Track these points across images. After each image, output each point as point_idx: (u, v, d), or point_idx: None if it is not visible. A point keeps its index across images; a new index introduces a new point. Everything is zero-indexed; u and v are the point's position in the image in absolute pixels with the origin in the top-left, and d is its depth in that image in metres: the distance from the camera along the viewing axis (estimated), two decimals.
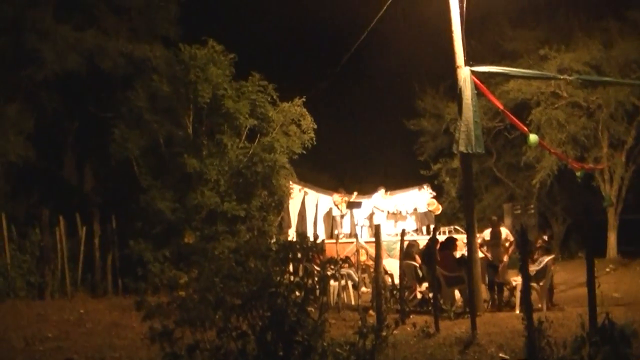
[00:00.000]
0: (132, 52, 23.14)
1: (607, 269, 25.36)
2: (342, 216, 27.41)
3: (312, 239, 8.27)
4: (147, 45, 23.41)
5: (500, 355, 10.42)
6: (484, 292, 17.00)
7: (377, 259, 14.59)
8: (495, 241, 18.02)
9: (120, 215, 22.27)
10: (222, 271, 6.65)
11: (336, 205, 27.31)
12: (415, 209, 28.58)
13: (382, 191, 27.62)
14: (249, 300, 6.35)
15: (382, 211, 27.24)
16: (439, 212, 28.29)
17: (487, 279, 17.61)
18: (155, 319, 6.53)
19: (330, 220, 28.07)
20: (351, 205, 26.61)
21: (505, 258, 17.94)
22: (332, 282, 15.86)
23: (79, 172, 26.51)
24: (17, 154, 22.02)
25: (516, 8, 30.71)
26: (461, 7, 16.81)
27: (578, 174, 22.07)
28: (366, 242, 23.41)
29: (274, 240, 18.18)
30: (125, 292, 20.90)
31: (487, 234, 18.34)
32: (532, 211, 32.68)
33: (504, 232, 18.40)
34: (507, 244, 18.06)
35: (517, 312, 14.75)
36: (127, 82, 23.25)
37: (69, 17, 22.95)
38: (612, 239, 31.15)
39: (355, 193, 27.63)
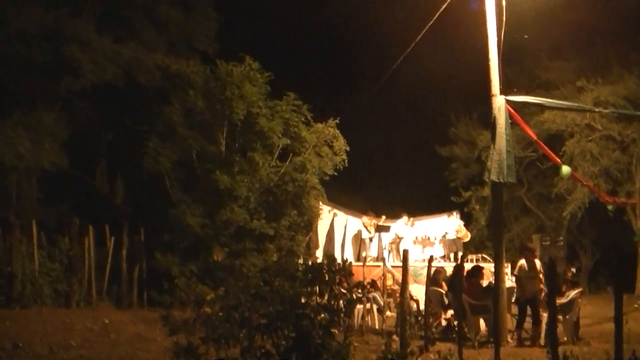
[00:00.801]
0: (169, 66, 23.25)
1: (636, 305, 25.06)
2: (370, 239, 27.34)
3: (340, 261, 8.27)
4: (184, 60, 23.52)
5: None
6: (509, 322, 16.87)
7: (404, 284, 14.54)
8: (532, 273, 16.77)
9: (149, 228, 22.34)
10: (249, 290, 6.66)
11: (365, 227, 27.26)
12: (444, 236, 28.45)
13: (404, 218, 27.53)
14: (275, 320, 6.36)
15: (402, 238, 27.13)
16: (467, 239, 28.14)
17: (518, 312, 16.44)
18: (181, 334, 6.56)
19: (359, 243, 27.99)
20: (380, 229, 26.57)
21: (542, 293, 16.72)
22: (357, 305, 15.83)
23: (110, 182, 26.66)
24: (51, 161, 22.15)
25: (553, 38, 30.64)
26: (498, 36, 16.80)
27: (609, 207, 21.95)
28: (393, 267, 23.33)
29: (301, 260, 18.25)
30: (150, 304, 20.94)
31: (524, 265, 16.91)
32: (561, 243, 32.45)
33: (537, 263, 17.30)
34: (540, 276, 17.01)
35: (542, 344, 14.63)
36: (163, 96, 23.38)
37: (110, 29, 23.16)
38: None
39: (384, 217, 27.57)
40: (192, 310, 7.06)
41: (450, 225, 28.49)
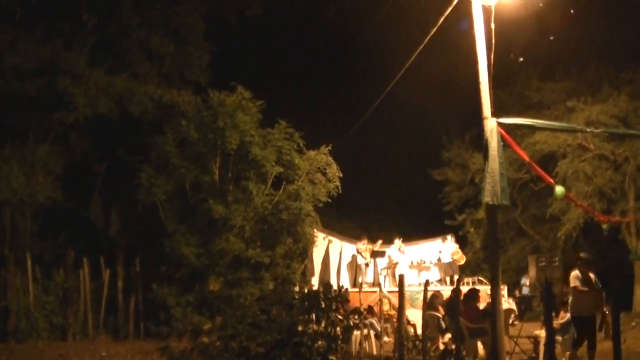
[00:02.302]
0: (161, 96, 23.31)
1: (633, 324, 25.08)
2: (366, 264, 27.34)
3: (336, 288, 8.25)
4: (176, 90, 23.59)
5: None
6: (507, 344, 16.84)
7: (400, 309, 14.55)
8: (586, 286, 14.87)
9: (145, 259, 22.34)
10: (246, 319, 6.66)
11: (360, 254, 27.26)
12: (439, 259, 28.47)
13: (397, 242, 27.59)
14: (273, 348, 6.36)
15: (397, 263, 27.16)
16: (463, 262, 28.15)
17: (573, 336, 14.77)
18: None
19: (354, 269, 27.98)
20: (375, 254, 26.58)
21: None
22: (354, 331, 15.80)
23: (105, 214, 26.64)
24: (45, 195, 22.15)
25: (544, 60, 30.84)
26: (488, 58, 16.86)
27: (604, 227, 21.92)
28: (389, 292, 23.32)
29: (297, 288, 18.23)
30: (147, 336, 20.90)
31: (577, 276, 15.21)
32: (557, 264, 32.37)
33: (592, 275, 15.43)
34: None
35: None
36: (156, 126, 23.43)
37: (102, 61, 23.24)
38: (638, 293, 30.86)
39: (380, 241, 27.57)
40: (189, 341, 7.04)
41: (445, 248, 28.51)
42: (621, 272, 30.05)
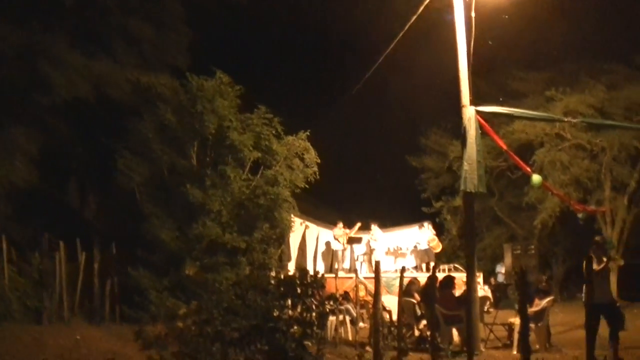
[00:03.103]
0: (139, 81, 23.16)
1: None
2: (343, 250, 27.39)
3: (312, 273, 8.26)
4: (154, 75, 23.45)
5: None
6: (481, 332, 16.94)
7: (376, 295, 14.59)
8: (604, 273, 14.57)
9: (121, 243, 22.23)
10: (221, 304, 6.66)
11: (337, 239, 27.29)
12: (416, 246, 28.54)
13: (374, 228, 27.72)
14: (248, 334, 6.36)
15: (372, 249, 27.24)
16: (439, 249, 28.24)
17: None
18: (153, 349, 6.53)
19: (330, 255, 28.02)
20: (351, 241, 26.64)
21: None
22: (330, 317, 15.84)
23: (82, 197, 26.52)
24: (21, 177, 22.00)
25: (523, 49, 30.92)
26: (468, 47, 16.93)
27: (580, 216, 22.06)
28: (365, 278, 23.38)
29: (273, 273, 18.23)
30: (122, 320, 20.81)
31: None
32: (533, 252, 32.66)
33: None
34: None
35: (515, 352, 14.71)
36: (134, 110, 23.28)
37: (80, 44, 23.03)
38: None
39: (358, 224, 27.59)
40: (164, 325, 7.04)
41: (421, 236, 28.59)
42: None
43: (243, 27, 35.51)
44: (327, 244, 28.25)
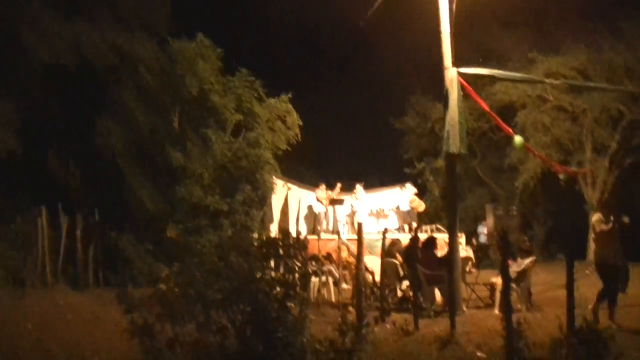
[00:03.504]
0: (120, 44, 22.99)
1: (587, 272, 25.39)
2: (325, 212, 27.43)
3: (294, 235, 8.28)
4: (135, 38, 23.28)
5: (478, 354, 10.48)
6: (463, 292, 17.03)
7: (359, 256, 14.63)
8: (613, 232, 13.72)
9: (104, 208, 22.17)
10: (204, 266, 6.66)
11: (319, 201, 27.31)
12: (398, 207, 28.61)
13: (359, 187, 27.74)
14: (230, 295, 6.37)
15: (354, 210, 27.27)
16: (422, 210, 28.29)
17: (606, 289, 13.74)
18: (136, 312, 6.54)
19: (313, 216, 28.06)
20: (334, 202, 26.66)
21: None
22: (312, 278, 15.90)
23: (63, 163, 26.37)
24: (2, 145, 21.86)
25: (506, 11, 30.82)
26: (450, 9, 16.85)
27: (561, 177, 22.15)
28: (348, 240, 23.43)
29: (256, 235, 18.23)
30: (106, 284, 20.80)
31: (600, 220, 14.03)
32: (514, 213, 32.85)
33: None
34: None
35: (497, 312, 14.81)
36: (114, 74, 23.15)
37: (60, 9, 22.81)
38: (592, 242, 31.29)
39: (339, 185, 27.59)
40: (147, 289, 7.04)
41: (404, 196, 28.65)
42: (576, 222, 30.47)
43: None
44: (310, 206, 28.27)
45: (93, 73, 23.77)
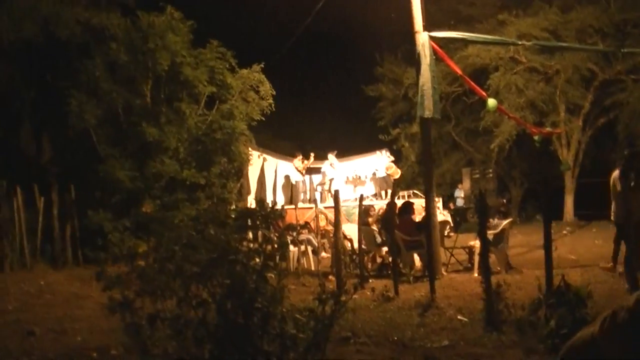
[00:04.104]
0: (89, 20, 22.77)
1: (564, 232, 25.70)
2: (302, 182, 27.51)
3: (271, 205, 8.27)
4: (104, 13, 23.05)
5: (459, 317, 10.55)
6: (442, 256, 17.12)
7: (336, 224, 14.67)
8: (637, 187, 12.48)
9: (79, 186, 22.05)
10: (181, 240, 6.65)
11: (299, 171, 27.37)
12: (374, 174, 28.68)
13: (331, 157, 27.79)
14: (208, 268, 6.36)
15: (333, 179, 27.34)
16: (398, 176, 28.39)
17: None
18: (115, 289, 6.53)
19: (290, 186, 28.11)
20: (310, 171, 26.72)
21: None
22: (291, 247, 15.92)
23: (36, 142, 26.16)
24: None
25: None
26: None
27: (536, 138, 22.25)
28: (325, 208, 23.49)
29: (233, 207, 18.23)
30: (85, 262, 20.73)
31: (619, 179, 12.99)
32: (491, 175, 33.02)
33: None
34: None
35: (476, 275, 14.90)
36: (84, 50, 22.93)
37: None
38: (569, 202, 31.57)
39: (312, 155, 27.66)
40: (126, 265, 7.03)
41: (380, 163, 28.74)
42: (552, 183, 30.67)
43: None
44: (287, 175, 28.32)
45: (63, 50, 23.55)
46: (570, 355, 2.45)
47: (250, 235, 7.27)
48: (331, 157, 27.98)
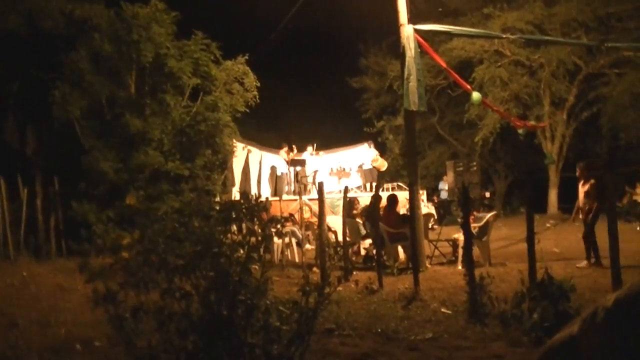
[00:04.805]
0: (72, 11, 22.67)
1: (548, 225, 25.79)
2: (287, 174, 27.54)
3: (255, 197, 8.27)
4: (87, 5, 22.96)
5: (443, 310, 10.58)
6: (427, 248, 17.16)
7: (321, 216, 14.69)
8: None
9: (63, 177, 21.98)
10: (165, 232, 6.64)
11: (286, 162, 27.40)
12: (361, 166, 28.72)
13: (309, 149, 27.82)
14: (192, 260, 6.36)
15: (317, 171, 27.36)
16: (384, 168, 28.42)
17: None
18: (99, 281, 6.51)
19: (274, 178, 28.12)
20: (294, 163, 26.70)
21: None
22: (275, 240, 15.92)
23: (20, 133, 26.06)
24: None
25: None
26: None
27: (520, 131, 22.32)
28: (310, 200, 23.50)
29: (218, 199, 18.21)
30: (69, 254, 20.67)
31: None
32: (475, 168, 33.09)
33: None
34: None
35: (460, 267, 14.95)
36: (68, 42, 22.82)
37: None
38: (552, 195, 31.70)
39: (294, 146, 27.70)
40: (110, 257, 7.01)
41: (366, 155, 28.78)
42: (535, 176, 30.82)
43: None
44: (272, 167, 28.32)
45: (47, 41, 23.45)
46: (550, 356, 2.45)
47: (235, 227, 7.27)
48: (309, 149, 28.04)
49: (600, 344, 2.22)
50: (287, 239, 18.76)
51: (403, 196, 20.20)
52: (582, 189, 14.80)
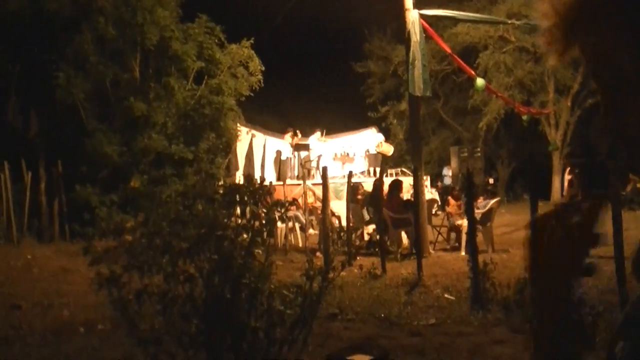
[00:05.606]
0: None
1: None
2: (291, 158, 27.51)
3: (259, 181, 8.27)
4: None
5: (446, 296, 10.58)
6: (430, 234, 17.15)
7: (324, 201, 14.68)
8: None
9: (67, 160, 21.96)
10: (169, 215, 6.62)
11: (291, 146, 27.37)
12: (367, 151, 28.68)
13: (317, 134, 27.74)
14: (196, 243, 6.34)
15: (321, 155, 27.30)
16: (390, 153, 28.36)
17: None
18: (102, 264, 6.50)
19: (278, 163, 28.09)
20: (298, 148, 26.66)
21: None
22: (279, 224, 15.91)
23: (23, 116, 26.01)
24: None
25: None
26: None
27: (524, 118, 22.27)
28: (314, 185, 23.48)
29: (221, 182, 18.20)
30: (72, 237, 20.69)
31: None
32: (479, 154, 33.05)
33: None
34: None
35: (463, 253, 14.94)
36: (73, 24, 22.75)
37: None
38: (556, 182, 31.64)
39: (298, 131, 27.65)
40: (113, 240, 7.00)
41: (374, 140, 28.73)
42: (540, 163, 30.76)
43: None
44: (277, 152, 28.29)
45: (51, 23, 23.37)
46: None
47: (239, 211, 7.25)
48: (317, 134, 27.97)
49: None
50: (290, 224, 18.76)
51: (407, 182, 20.18)
52: (567, 177, 14.87)
